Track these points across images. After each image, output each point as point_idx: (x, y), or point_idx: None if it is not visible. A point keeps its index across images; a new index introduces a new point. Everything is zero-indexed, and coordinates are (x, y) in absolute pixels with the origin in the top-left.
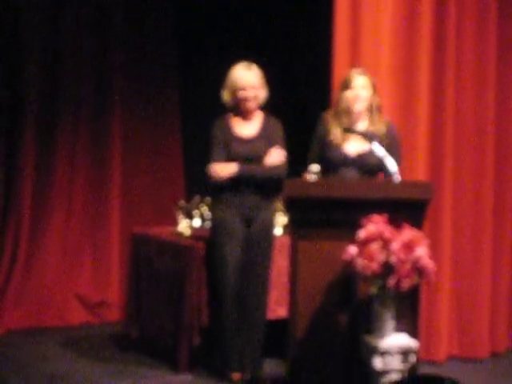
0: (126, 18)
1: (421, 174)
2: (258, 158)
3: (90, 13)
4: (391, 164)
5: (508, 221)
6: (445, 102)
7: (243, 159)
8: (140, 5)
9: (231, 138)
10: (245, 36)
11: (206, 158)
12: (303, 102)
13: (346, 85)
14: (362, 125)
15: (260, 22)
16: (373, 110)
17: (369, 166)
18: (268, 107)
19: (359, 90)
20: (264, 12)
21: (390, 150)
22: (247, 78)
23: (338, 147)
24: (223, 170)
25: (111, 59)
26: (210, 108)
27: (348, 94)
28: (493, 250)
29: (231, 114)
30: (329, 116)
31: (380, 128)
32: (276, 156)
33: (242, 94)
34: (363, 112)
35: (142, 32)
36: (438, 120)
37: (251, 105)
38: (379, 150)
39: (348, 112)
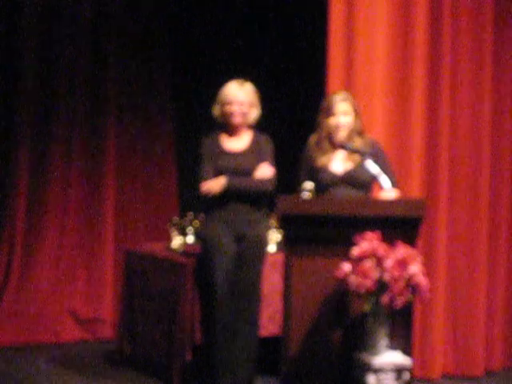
0: (121, 37)
1: (415, 191)
2: (247, 172)
3: (85, 31)
4: (385, 182)
5: (503, 238)
6: (440, 118)
7: (232, 173)
8: (134, 22)
9: (220, 153)
10: (241, 54)
11: (195, 174)
12: (297, 121)
13: (328, 111)
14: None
15: (255, 41)
16: (353, 134)
17: (358, 182)
18: (262, 124)
19: (341, 118)
20: (259, 31)
21: (380, 165)
22: (236, 93)
23: (324, 168)
24: (213, 185)
25: (106, 75)
26: (205, 126)
27: (330, 121)
28: (488, 268)
29: (220, 130)
30: (312, 141)
31: (363, 148)
32: (265, 171)
33: (228, 108)
34: (345, 138)
35: (137, 53)
36: (432, 136)
37: (237, 120)
38: (373, 168)
39: (330, 137)
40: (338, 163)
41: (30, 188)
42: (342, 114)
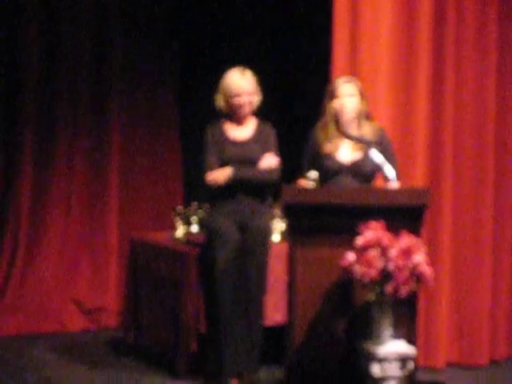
0: (125, 28)
1: (420, 180)
2: (251, 161)
3: (89, 21)
4: (389, 171)
5: (508, 227)
6: (444, 108)
7: (236, 162)
8: (139, 12)
9: (224, 142)
10: (246, 46)
11: (200, 164)
12: (301, 110)
13: (332, 94)
14: (351, 132)
15: (259, 32)
16: (361, 117)
17: (364, 173)
18: (263, 114)
19: (346, 99)
20: (264, 24)
21: (384, 154)
22: (242, 84)
23: (331, 156)
24: (219, 175)
25: (110, 68)
26: (209, 115)
27: (335, 103)
28: (493, 256)
29: (225, 119)
30: (318, 127)
31: (370, 134)
32: (270, 160)
33: (236, 100)
34: (351, 120)
35: (140, 41)
36: (437, 126)
37: (246, 111)
38: (377, 157)
39: (336, 121)
40: (346, 152)
41: (34, 179)
42: (346, 96)
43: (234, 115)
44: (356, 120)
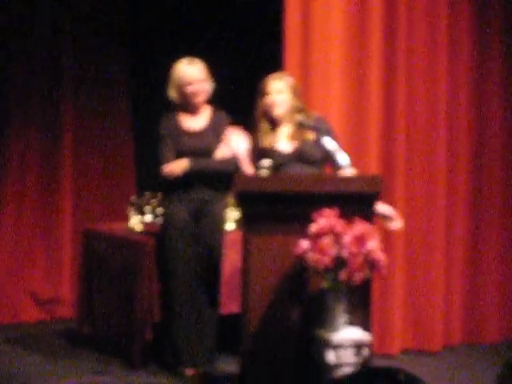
0: (77, 26)
1: (373, 167)
2: (207, 151)
3: (41, 20)
4: (342, 157)
5: (460, 214)
6: (396, 97)
7: (192, 153)
8: (91, 9)
9: (179, 133)
10: (198, 34)
11: (155, 155)
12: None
13: (262, 91)
14: (286, 128)
15: (209, 24)
16: (292, 112)
17: (309, 158)
18: (217, 103)
19: (275, 95)
20: (214, 14)
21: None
22: (193, 72)
23: (272, 149)
24: (175, 167)
25: (62, 61)
26: (161, 105)
27: (265, 100)
28: (445, 243)
29: (179, 110)
30: (253, 123)
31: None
32: (225, 151)
33: (190, 88)
34: (285, 115)
35: (93, 38)
36: (389, 118)
37: (200, 98)
38: (330, 144)
39: (267, 117)
40: (284, 142)
41: None
42: (275, 93)
43: (189, 105)
44: (287, 115)
